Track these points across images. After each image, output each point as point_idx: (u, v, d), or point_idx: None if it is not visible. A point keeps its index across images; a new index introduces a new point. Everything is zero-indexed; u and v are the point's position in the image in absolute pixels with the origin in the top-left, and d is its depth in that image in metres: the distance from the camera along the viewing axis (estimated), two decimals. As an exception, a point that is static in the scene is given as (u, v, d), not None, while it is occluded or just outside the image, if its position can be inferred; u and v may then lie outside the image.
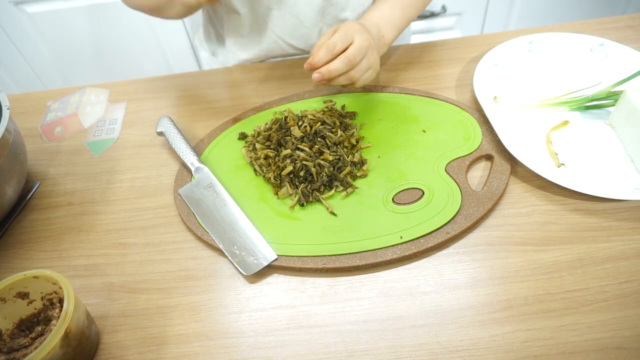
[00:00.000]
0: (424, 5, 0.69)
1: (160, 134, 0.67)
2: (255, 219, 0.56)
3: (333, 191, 0.57)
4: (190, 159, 0.62)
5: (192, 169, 0.62)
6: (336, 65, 0.56)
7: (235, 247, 0.53)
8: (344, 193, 0.57)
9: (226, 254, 0.53)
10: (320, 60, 0.56)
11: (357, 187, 0.58)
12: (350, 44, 0.57)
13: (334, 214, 0.55)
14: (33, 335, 0.47)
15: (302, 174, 0.57)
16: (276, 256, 0.52)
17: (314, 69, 0.57)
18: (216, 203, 0.58)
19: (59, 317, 0.45)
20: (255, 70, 0.80)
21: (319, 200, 0.57)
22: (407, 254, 0.51)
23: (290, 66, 0.80)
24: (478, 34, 1.14)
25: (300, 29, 0.76)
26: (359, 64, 0.58)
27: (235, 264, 0.52)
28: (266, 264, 0.51)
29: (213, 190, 0.59)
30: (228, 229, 0.55)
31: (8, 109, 0.57)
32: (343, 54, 0.57)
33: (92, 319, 0.48)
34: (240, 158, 0.64)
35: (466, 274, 0.49)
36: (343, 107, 0.69)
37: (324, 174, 0.58)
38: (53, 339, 0.40)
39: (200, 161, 0.62)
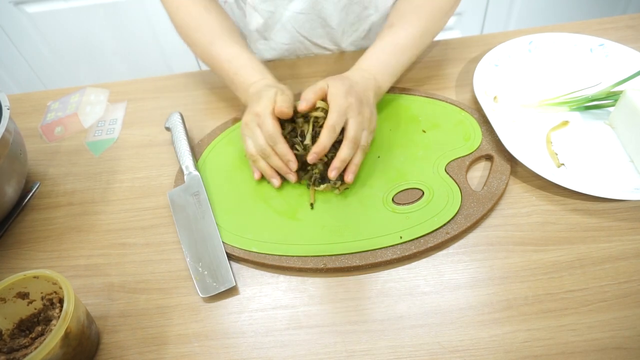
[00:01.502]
0: (419, 50, 0.68)
1: (168, 129, 0.67)
2: (255, 218, 0.56)
3: (326, 185, 0.57)
4: (186, 162, 0.62)
5: (185, 173, 0.61)
6: (345, 152, 0.55)
7: (201, 264, 0.52)
8: (336, 191, 0.57)
9: (190, 269, 0.52)
10: (325, 145, 0.55)
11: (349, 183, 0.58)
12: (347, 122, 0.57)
13: (312, 205, 0.56)
14: (33, 335, 0.46)
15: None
16: (234, 284, 0.50)
17: (320, 156, 0.56)
18: (196, 214, 0.57)
19: (59, 317, 0.45)
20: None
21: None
22: (407, 254, 0.51)
23: (291, 66, 0.80)
24: (478, 34, 1.14)
25: (325, 28, 0.77)
26: (362, 134, 0.57)
27: (195, 281, 0.51)
28: (223, 289, 0.50)
29: (197, 200, 0.58)
30: (199, 243, 0.54)
31: (8, 109, 0.57)
32: (345, 139, 0.56)
33: (92, 319, 0.48)
34: (240, 158, 0.64)
35: (466, 274, 0.49)
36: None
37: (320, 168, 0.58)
38: (53, 339, 0.40)
39: (196, 167, 0.62)
